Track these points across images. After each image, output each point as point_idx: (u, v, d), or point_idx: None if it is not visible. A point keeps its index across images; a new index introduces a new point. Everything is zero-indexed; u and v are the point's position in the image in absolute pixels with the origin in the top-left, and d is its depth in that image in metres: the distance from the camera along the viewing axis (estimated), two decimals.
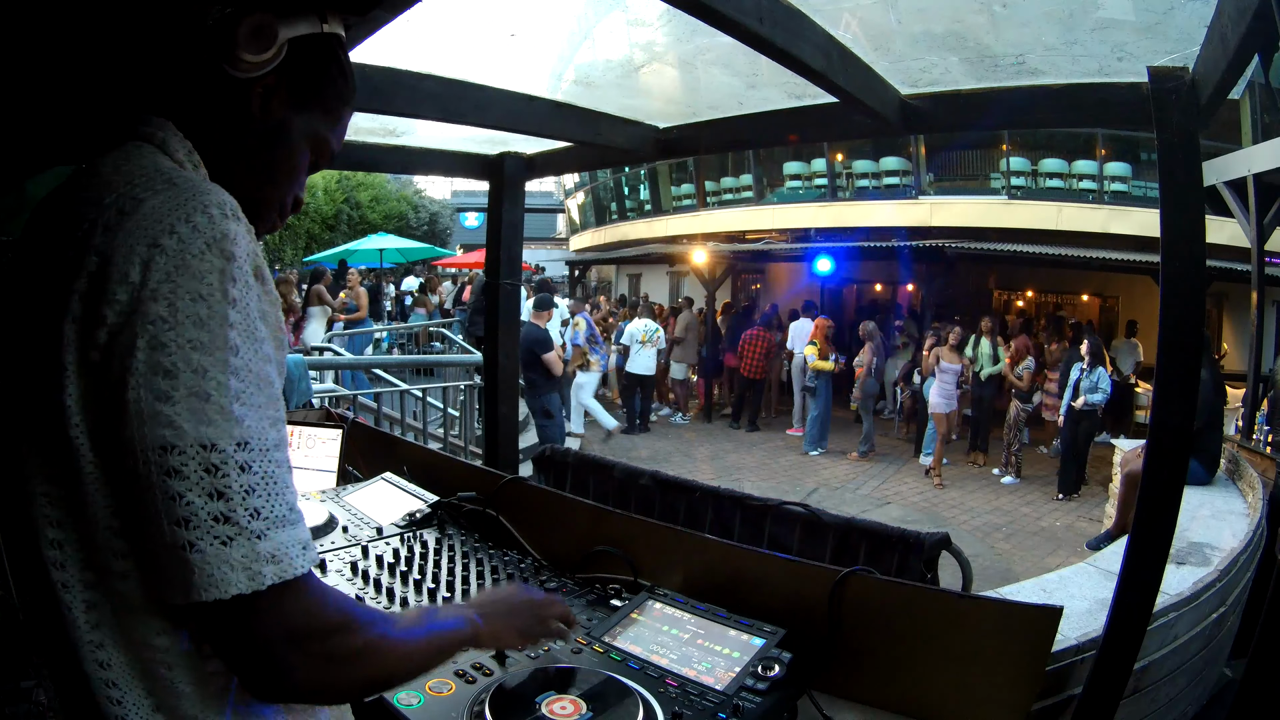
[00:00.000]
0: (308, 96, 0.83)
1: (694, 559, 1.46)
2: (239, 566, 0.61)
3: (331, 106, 0.86)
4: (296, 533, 0.65)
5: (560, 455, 2.57)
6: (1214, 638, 2.58)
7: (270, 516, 0.63)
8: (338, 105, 0.87)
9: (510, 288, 2.83)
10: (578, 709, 1.00)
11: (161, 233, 0.62)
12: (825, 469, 8.01)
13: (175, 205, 0.64)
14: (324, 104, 0.85)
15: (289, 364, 4.31)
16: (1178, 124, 1.33)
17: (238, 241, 0.65)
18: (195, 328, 0.61)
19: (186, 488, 0.60)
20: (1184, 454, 1.37)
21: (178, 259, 0.62)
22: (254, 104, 0.79)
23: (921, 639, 1.20)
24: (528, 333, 6.31)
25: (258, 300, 0.66)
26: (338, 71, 0.86)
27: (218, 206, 0.65)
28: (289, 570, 0.63)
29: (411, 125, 2.30)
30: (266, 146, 0.81)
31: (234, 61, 0.76)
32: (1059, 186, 9.89)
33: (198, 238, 0.63)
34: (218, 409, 0.61)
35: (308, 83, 0.83)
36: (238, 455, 0.61)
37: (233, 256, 0.64)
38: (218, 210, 0.65)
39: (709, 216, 13.83)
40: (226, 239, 0.64)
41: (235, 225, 0.66)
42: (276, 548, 0.63)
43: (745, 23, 1.30)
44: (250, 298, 0.65)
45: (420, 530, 1.72)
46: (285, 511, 0.64)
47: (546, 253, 23.23)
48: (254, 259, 0.67)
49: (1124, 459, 4.96)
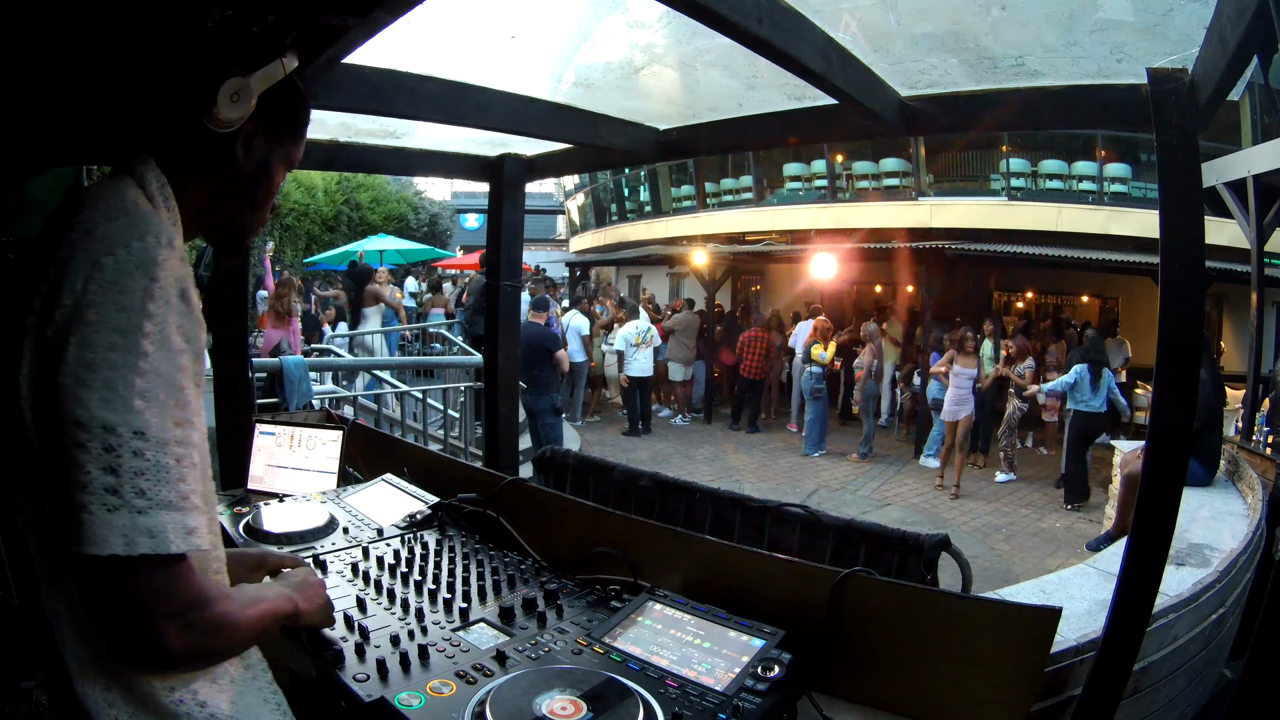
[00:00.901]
0: (280, 131, 0.99)
1: (694, 560, 1.46)
2: (118, 531, 0.72)
3: (298, 132, 1.03)
4: (181, 518, 0.76)
5: (560, 456, 2.57)
6: (1213, 639, 2.58)
7: (154, 498, 0.74)
8: (301, 127, 1.04)
9: (510, 289, 2.83)
10: (578, 710, 1.00)
11: (104, 254, 0.77)
12: (825, 470, 8.00)
13: (121, 232, 0.78)
14: (293, 132, 1.02)
15: (289, 365, 4.32)
16: (1177, 125, 1.33)
17: (163, 267, 0.78)
18: (115, 333, 0.74)
19: (88, 459, 0.72)
20: (1184, 455, 1.37)
21: (111, 276, 0.76)
22: (238, 151, 0.94)
23: (921, 640, 1.20)
24: (537, 332, 6.31)
25: (178, 318, 0.79)
26: (298, 101, 1.02)
27: (154, 235, 0.79)
28: (163, 546, 0.74)
29: (412, 127, 2.30)
30: (253, 181, 0.97)
31: (215, 120, 0.89)
32: (1059, 188, 9.88)
33: (130, 261, 0.77)
34: (122, 401, 0.73)
35: (279, 120, 0.98)
36: (133, 442, 0.73)
37: (156, 279, 0.77)
38: (153, 239, 0.79)
39: (709, 218, 13.83)
40: (154, 264, 0.78)
41: (166, 253, 0.79)
42: (155, 525, 0.74)
43: (744, 24, 1.30)
44: (169, 315, 0.78)
45: (420, 532, 1.72)
46: (173, 498, 0.76)
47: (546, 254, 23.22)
48: (180, 283, 0.80)
49: (1124, 460, 4.96)
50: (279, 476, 2.21)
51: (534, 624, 1.31)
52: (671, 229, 14.68)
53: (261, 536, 1.66)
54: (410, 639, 1.22)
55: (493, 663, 1.15)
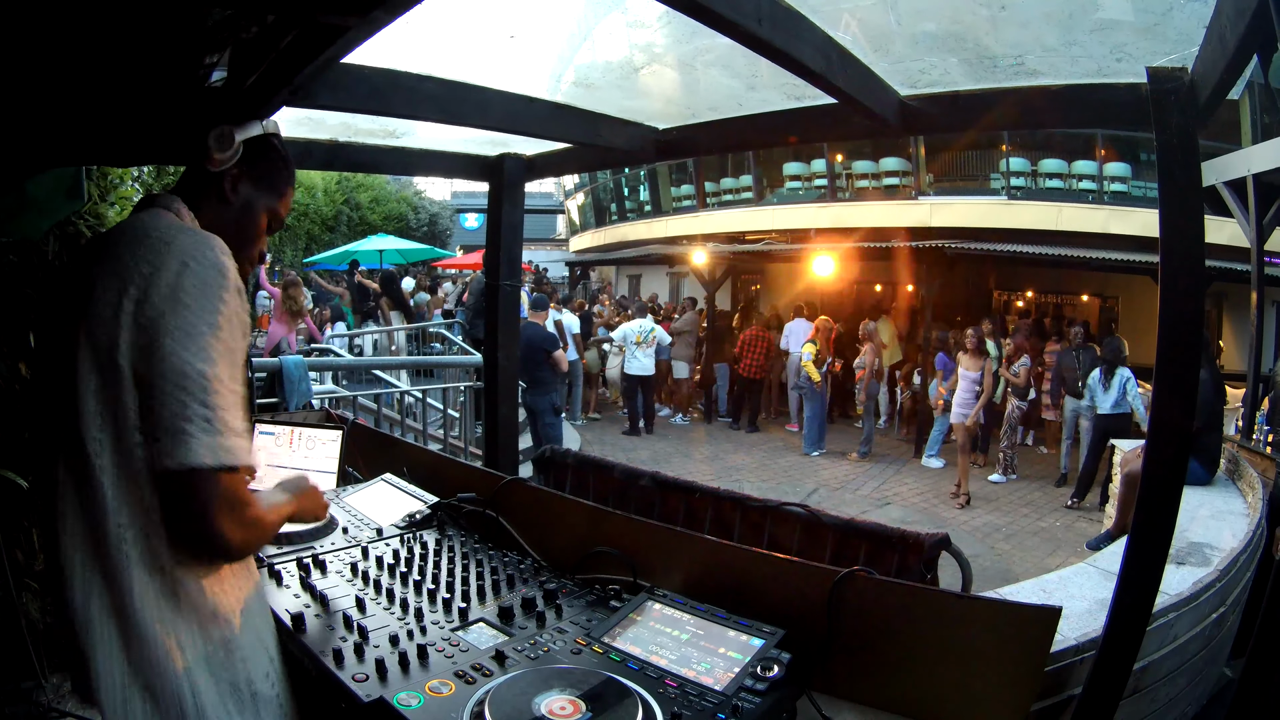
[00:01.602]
0: (262, 179, 1.28)
1: (693, 560, 1.46)
2: (209, 449, 1.01)
3: (279, 187, 1.31)
4: (244, 442, 1.06)
5: (560, 456, 2.57)
6: (1214, 638, 2.58)
7: (232, 426, 1.04)
8: (282, 184, 1.32)
9: (510, 289, 2.83)
10: (577, 709, 1.00)
11: (190, 257, 1.06)
12: (825, 470, 8.00)
13: (197, 243, 1.09)
14: (273, 184, 1.30)
15: (289, 365, 4.32)
16: (1177, 124, 1.33)
17: (230, 272, 1.09)
18: (206, 313, 1.05)
19: (189, 398, 1.01)
20: (1184, 454, 1.37)
21: (199, 275, 1.06)
22: (227, 189, 1.24)
23: (921, 639, 1.20)
24: (534, 332, 6.30)
25: (236, 308, 1.09)
26: (278, 158, 1.31)
27: (220, 248, 1.10)
28: (233, 459, 1.03)
29: (411, 126, 2.30)
30: (238, 218, 1.26)
31: (209, 160, 1.22)
32: (1059, 187, 9.87)
33: (210, 265, 1.07)
34: (209, 358, 1.03)
35: (261, 169, 1.28)
36: (215, 385, 1.03)
37: (226, 276, 1.09)
38: (220, 249, 1.10)
39: (709, 217, 13.82)
40: (224, 266, 1.09)
41: (228, 259, 1.10)
42: (232, 445, 1.03)
43: (744, 24, 1.30)
44: (235, 303, 1.09)
45: (420, 531, 1.72)
46: (240, 426, 1.06)
47: (546, 253, 23.21)
48: (238, 283, 1.10)
49: (1124, 459, 4.96)
50: (279, 476, 2.20)
51: (533, 624, 1.31)
52: (671, 228, 14.68)
53: None
54: (409, 639, 1.22)
55: (492, 663, 1.15)
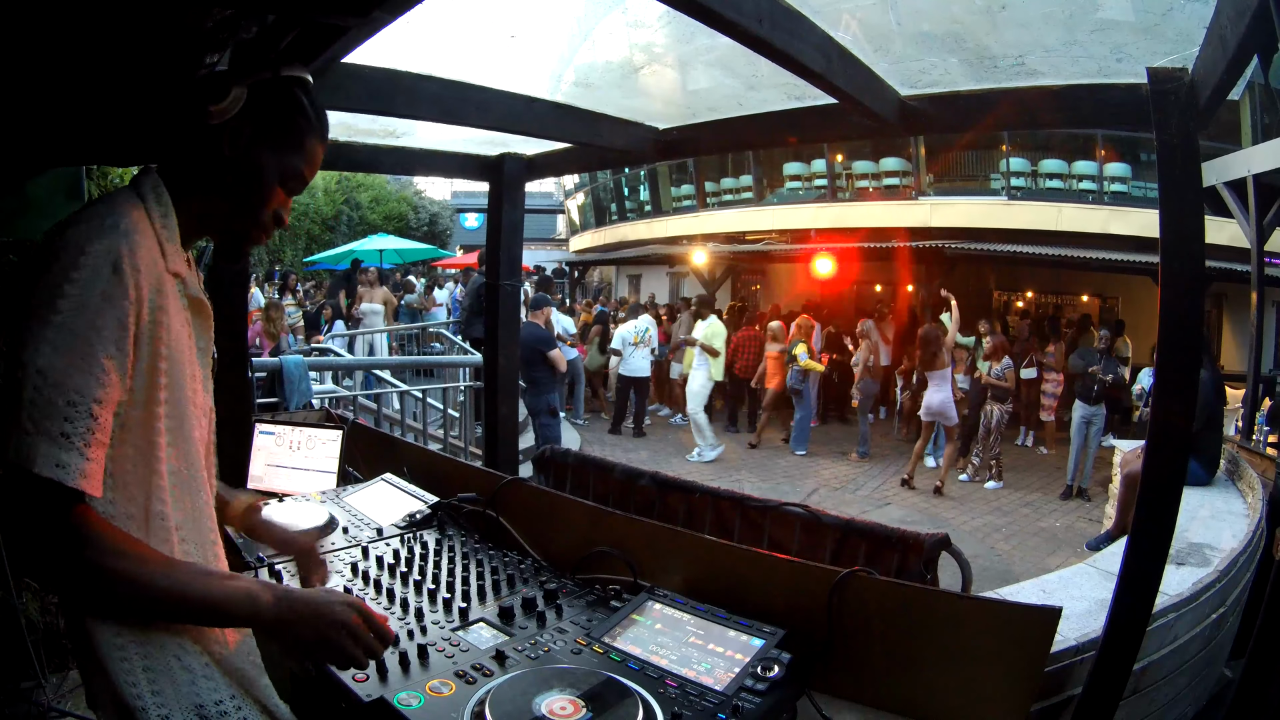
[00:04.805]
0: (270, 134, 1.00)
1: (694, 560, 1.46)
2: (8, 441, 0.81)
3: (297, 141, 1.03)
4: (56, 451, 0.81)
5: (560, 456, 2.57)
6: (1213, 638, 2.58)
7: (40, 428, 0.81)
8: (303, 139, 1.03)
9: (510, 288, 2.83)
10: (577, 709, 1.00)
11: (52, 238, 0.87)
12: (825, 470, 8.00)
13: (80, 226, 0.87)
14: (288, 139, 1.02)
15: (289, 365, 4.31)
16: (1177, 125, 1.33)
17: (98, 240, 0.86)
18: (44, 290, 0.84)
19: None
20: (1184, 454, 1.37)
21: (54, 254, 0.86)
22: (225, 145, 0.97)
23: (921, 640, 1.20)
24: (530, 332, 6.29)
25: (104, 285, 0.85)
26: (298, 110, 1.02)
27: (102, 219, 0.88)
28: (29, 463, 0.80)
29: (411, 126, 2.30)
30: (239, 179, 1.00)
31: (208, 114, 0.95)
32: (1059, 187, 9.87)
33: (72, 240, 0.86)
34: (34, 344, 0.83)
35: (271, 118, 1.00)
36: (33, 378, 0.81)
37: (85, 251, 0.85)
38: (99, 222, 0.88)
39: (709, 217, 13.82)
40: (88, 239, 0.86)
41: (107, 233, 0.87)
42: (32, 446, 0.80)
43: (744, 24, 1.30)
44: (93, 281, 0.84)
45: (420, 531, 1.72)
46: (55, 433, 0.81)
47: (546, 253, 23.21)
48: (112, 256, 0.86)
49: (1124, 460, 4.96)
50: (279, 476, 2.21)
51: (533, 624, 1.31)
52: (671, 228, 14.68)
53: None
54: (410, 639, 1.22)
55: (492, 662, 1.15)
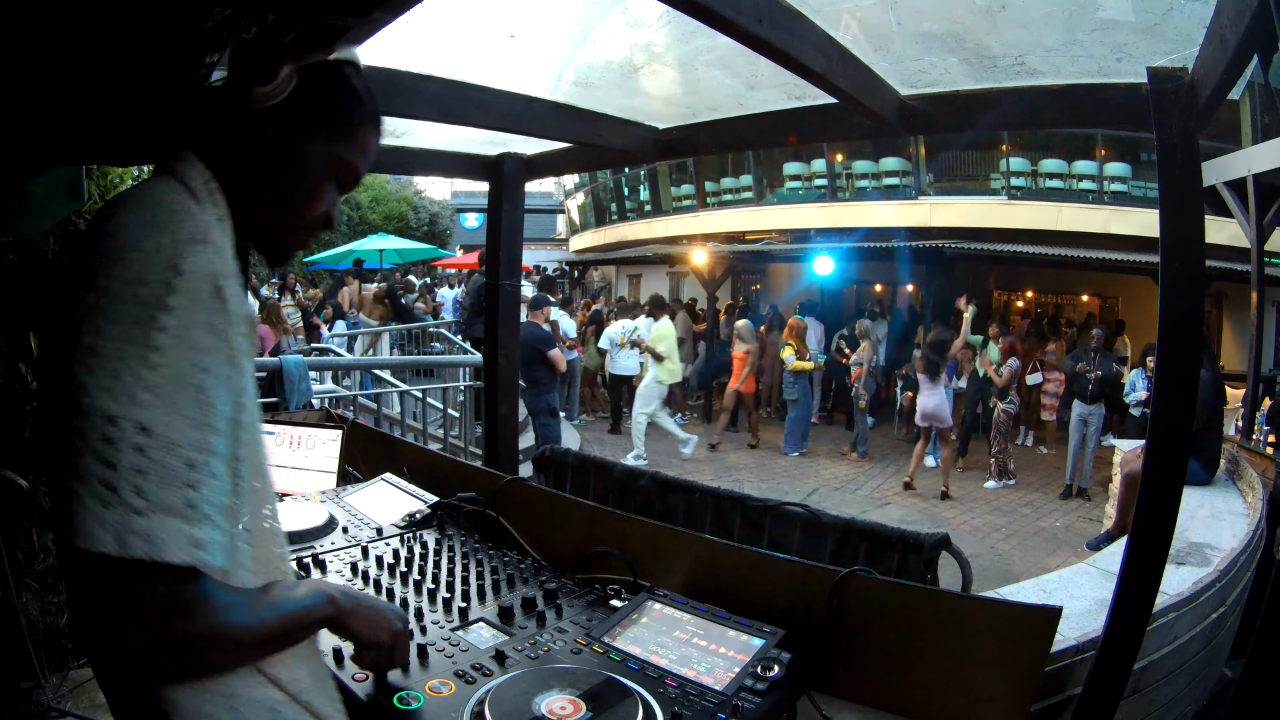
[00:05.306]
0: (320, 120, 0.90)
1: (694, 559, 1.46)
2: (110, 529, 0.66)
3: (347, 129, 0.92)
4: (187, 528, 0.69)
5: (560, 456, 2.57)
6: (1213, 638, 2.59)
7: (155, 501, 0.67)
8: (354, 127, 0.93)
9: (510, 288, 2.83)
10: (577, 709, 1.00)
11: (128, 250, 0.72)
12: (825, 470, 8.00)
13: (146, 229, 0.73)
14: (338, 127, 0.91)
15: (289, 364, 4.31)
16: (1177, 124, 1.33)
17: (190, 260, 0.73)
18: (130, 324, 0.69)
19: (84, 446, 0.67)
20: (1184, 454, 1.38)
21: (133, 272, 0.71)
22: (268, 132, 0.86)
23: (921, 639, 1.20)
24: (530, 331, 6.30)
25: (206, 315, 0.72)
26: (349, 94, 0.92)
27: (185, 230, 0.74)
28: (159, 553, 0.67)
29: (411, 126, 2.30)
30: (285, 170, 0.89)
31: (250, 98, 0.84)
32: (1059, 187, 9.89)
33: (155, 255, 0.72)
34: (127, 392, 0.68)
35: (318, 107, 0.89)
36: (135, 437, 0.67)
37: (181, 272, 0.72)
38: (185, 234, 0.74)
39: (709, 217, 13.83)
40: (180, 257, 0.72)
41: (198, 247, 0.74)
42: (154, 528, 0.67)
43: (744, 24, 1.30)
44: (193, 311, 0.71)
45: (420, 531, 1.72)
46: (179, 505, 0.69)
47: (546, 253, 23.21)
48: (214, 279, 0.73)
49: (1124, 459, 4.97)
50: (278, 476, 2.21)
51: (533, 623, 1.30)
52: (671, 228, 14.69)
53: None
54: (409, 638, 1.21)
55: (492, 662, 1.15)
